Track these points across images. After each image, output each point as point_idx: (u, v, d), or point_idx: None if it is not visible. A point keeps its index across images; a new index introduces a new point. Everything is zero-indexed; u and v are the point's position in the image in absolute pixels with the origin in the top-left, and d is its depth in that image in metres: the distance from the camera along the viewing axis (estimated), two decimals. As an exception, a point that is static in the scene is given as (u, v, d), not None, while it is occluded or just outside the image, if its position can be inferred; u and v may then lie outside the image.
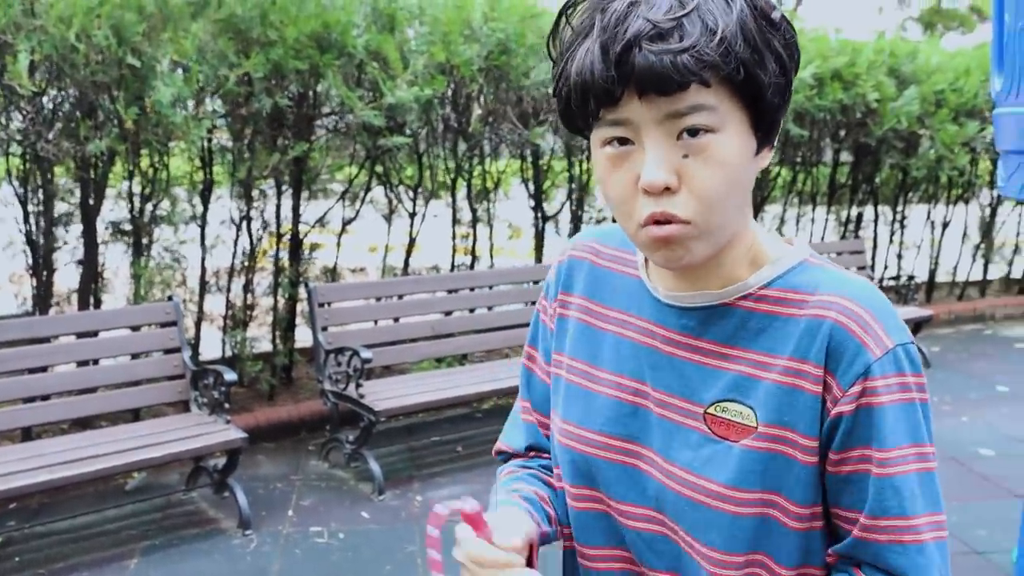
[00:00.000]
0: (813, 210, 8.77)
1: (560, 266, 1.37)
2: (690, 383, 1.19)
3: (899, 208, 9.14)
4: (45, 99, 4.84)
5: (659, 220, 1.07)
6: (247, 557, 4.31)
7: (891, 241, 9.21)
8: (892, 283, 8.31)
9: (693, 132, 1.04)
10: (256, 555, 4.33)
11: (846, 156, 8.74)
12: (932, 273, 9.54)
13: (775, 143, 1.15)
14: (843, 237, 8.81)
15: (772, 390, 1.13)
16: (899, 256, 9.25)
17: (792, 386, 1.12)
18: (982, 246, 9.77)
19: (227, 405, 4.69)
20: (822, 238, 8.77)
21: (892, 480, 1.11)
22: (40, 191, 5.19)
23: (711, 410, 1.17)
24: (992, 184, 9.58)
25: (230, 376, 4.64)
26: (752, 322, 1.15)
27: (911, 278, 8.22)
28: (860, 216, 8.97)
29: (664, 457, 1.21)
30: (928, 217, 9.33)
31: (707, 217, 1.07)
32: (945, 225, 9.40)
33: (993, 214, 9.75)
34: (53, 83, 4.81)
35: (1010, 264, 10.21)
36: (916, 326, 7.69)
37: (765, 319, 1.15)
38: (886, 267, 9.13)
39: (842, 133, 8.22)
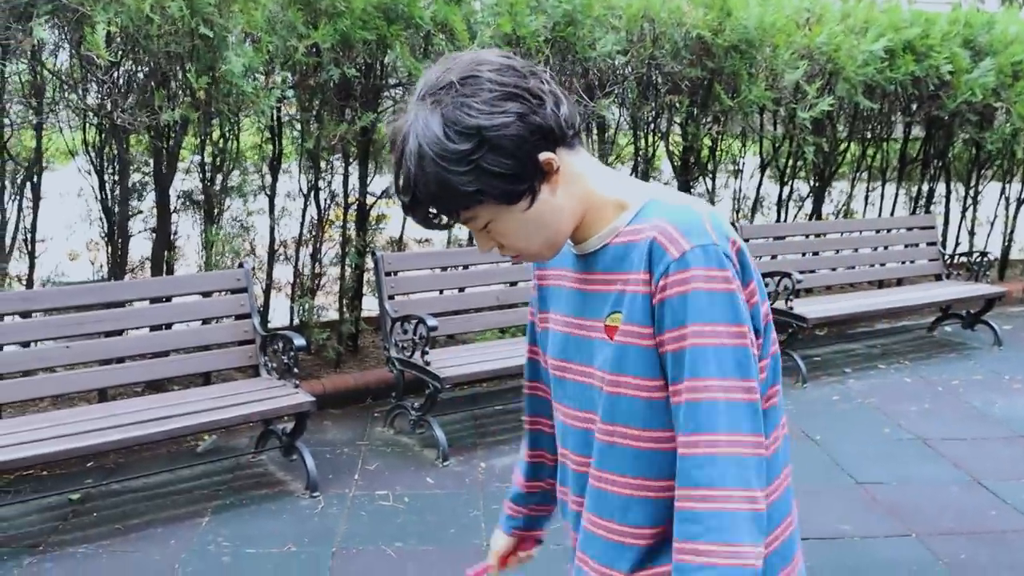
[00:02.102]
0: (883, 185, 8.66)
1: None
2: (594, 307, 1.58)
3: (972, 184, 8.98)
4: (120, 70, 4.96)
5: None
6: (314, 518, 4.43)
7: (963, 217, 9.05)
8: (963, 259, 8.17)
9: (481, 226, 1.51)
10: (323, 516, 4.44)
11: (917, 132, 8.62)
12: (1005, 251, 9.36)
13: (553, 165, 1.47)
14: (913, 212, 8.69)
15: (631, 297, 1.50)
16: (971, 233, 9.08)
17: (636, 291, 1.49)
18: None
19: (296, 370, 4.80)
20: (892, 213, 8.66)
21: (693, 350, 1.43)
22: (116, 161, 5.34)
23: (607, 321, 1.55)
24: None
25: (299, 341, 4.75)
26: (619, 252, 1.53)
27: (983, 254, 8.07)
28: (931, 192, 8.82)
29: (579, 363, 1.63)
30: (1002, 194, 9.15)
31: (528, 248, 1.55)
32: (1020, 202, 9.21)
33: (1071, 190, 9.53)
34: (128, 54, 4.94)
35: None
36: (988, 303, 7.57)
37: (626, 247, 1.52)
38: (958, 243, 8.96)
39: (914, 106, 8.09)
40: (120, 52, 4.86)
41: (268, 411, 4.60)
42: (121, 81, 4.92)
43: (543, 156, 1.45)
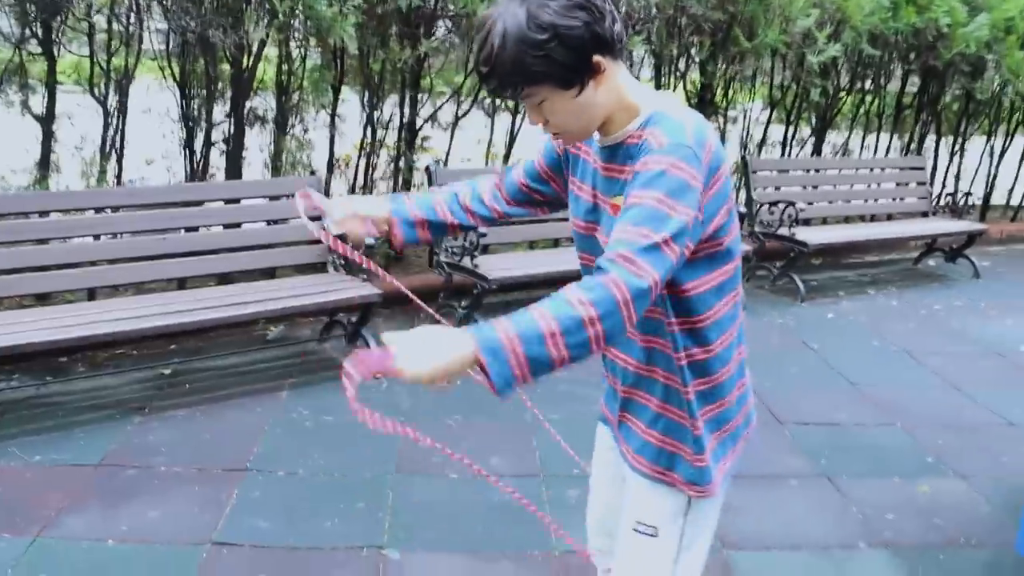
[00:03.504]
0: (878, 132, 9.12)
1: None
2: (609, 187, 1.92)
3: (961, 132, 9.44)
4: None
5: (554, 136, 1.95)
6: (380, 396, 4.93)
7: (951, 163, 9.53)
8: (949, 200, 8.68)
9: (536, 104, 1.82)
10: (388, 394, 4.95)
11: (912, 85, 9.06)
12: (987, 195, 9.86)
13: (601, 67, 1.77)
14: (905, 154, 9.17)
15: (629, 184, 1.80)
16: (957, 177, 9.54)
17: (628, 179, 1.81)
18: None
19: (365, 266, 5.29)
20: (886, 153, 9.16)
21: (640, 206, 1.69)
22: (193, 77, 5.77)
23: (612, 200, 1.89)
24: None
25: (369, 239, 5.23)
26: (630, 150, 1.84)
27: (968, 194, 8.58)
28: (923, 138, 9.29)
29: (595, 225, 1.99)
30: (987, 142, 9.63)
31: (567, 128, 1.88)
32: (1003, 151, 9.69)
33: (1052, 141, 10.02)
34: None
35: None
36: (969, 239, 8.13)
37: (633, 147, 1.83)
38: (944, 186, 9.43)
39: (912, 56, 8.53)
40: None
41: (341, 300, 5.12)
42: (212, 3, 5.33)
43: (596, 58, 1.75)
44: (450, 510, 3.81)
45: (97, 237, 5.25)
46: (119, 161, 5.74)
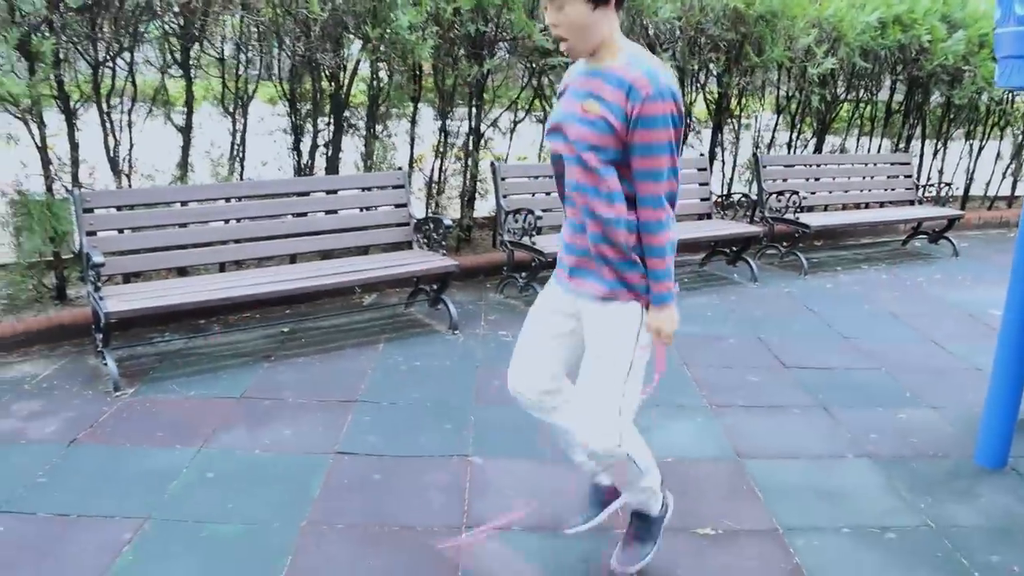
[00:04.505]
0: (871, 134, 9.41)
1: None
2: (582, 94, 2.50)
3: (943, 132, 9.70)
4: (318, 24, 5.83)
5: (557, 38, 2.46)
6: (459, 347, 5.40)
7: (934, 159, 9.78)
8: (932, 191, 8.94)
9: (560, 6, 2.39)
10: (464, 347, 5.42)
11: (899, 94, 9.32)
12: (967, 187, 10.11)
13: (612, 2, 2.40)
14: (894, 151, 9.44)
15: (609, 103, 2.42)
16: (940, 172, 9.81)
17: (614, 101, 2.41)
18: (1012, 166, 10.29)
19: (444, 243, 5.74)
20: (879, 150, 9.44)
21: (649, 143, 2.41)
22: (308, 92, 6.24)
23: (583, 103, 2.49)
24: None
25: (447, 222, 5.69)
26: (612, 73, 2.43)
27: (948, 185, 8.85)
28: (910, 137, 9.55)
29: (566, 126, 2.57)
30: (967, 139, 9.88)
31: (569, 35, 2.41)
32: (981, 149, 9.93)
33: (1024, 139, 10.24)
34: (326, 10, 5.80)
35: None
36: (949, 223, 8.41)
37: (614, 74, 2.42)
38: (928, 178, 9.68)
39: (899, 68, 8.82)
40: (320, 8, 5.73)
41: (426, 270, 5.54)
42: (319, 31, 5.80)
43: None
44: (519, 428, 4.23)
45: (226, 221, 5.68)
46: (241, 162, 6.22)
